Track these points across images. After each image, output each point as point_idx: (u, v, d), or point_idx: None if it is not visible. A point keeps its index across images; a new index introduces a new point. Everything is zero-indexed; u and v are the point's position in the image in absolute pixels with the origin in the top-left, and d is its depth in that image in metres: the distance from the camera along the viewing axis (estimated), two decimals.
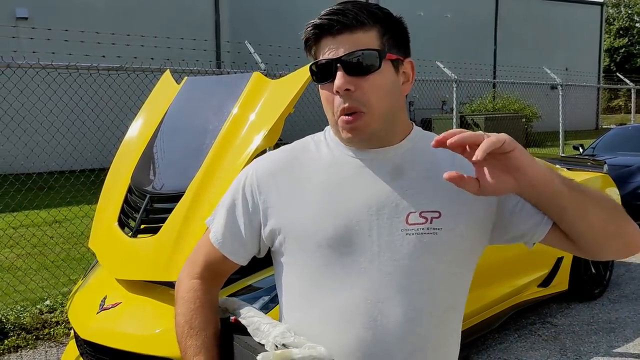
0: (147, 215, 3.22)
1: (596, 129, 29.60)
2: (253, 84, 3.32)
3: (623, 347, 4.19)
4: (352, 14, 1.18)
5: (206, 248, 1.37)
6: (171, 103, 3.64)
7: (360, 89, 1.18)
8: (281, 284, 1.32)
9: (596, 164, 6.58)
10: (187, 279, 1.37)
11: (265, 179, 1.31)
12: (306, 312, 1.25)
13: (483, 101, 19.94)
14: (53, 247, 6.42)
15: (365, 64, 1.18)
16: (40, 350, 4.24)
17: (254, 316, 1.30)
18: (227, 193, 1.37)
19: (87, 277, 3.71)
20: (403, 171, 1.25)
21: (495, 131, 1.14)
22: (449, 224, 1.22)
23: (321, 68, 1.21)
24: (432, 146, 1.05)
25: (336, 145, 1.30)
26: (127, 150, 3.65)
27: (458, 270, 1.27)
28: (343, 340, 1.20)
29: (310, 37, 1.23)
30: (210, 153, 3.13)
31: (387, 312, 1.19)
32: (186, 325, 1.31)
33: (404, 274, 1.20)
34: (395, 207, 1.22)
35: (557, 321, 4.71)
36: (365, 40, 1.19)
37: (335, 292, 1.21)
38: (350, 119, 1.19)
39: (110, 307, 3.13)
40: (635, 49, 50.30)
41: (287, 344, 1.19)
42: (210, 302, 1.35)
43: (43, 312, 4.66)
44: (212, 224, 1.38)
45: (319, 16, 1.21)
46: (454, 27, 25.56)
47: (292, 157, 1.33)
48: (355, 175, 1.25)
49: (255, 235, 1.33)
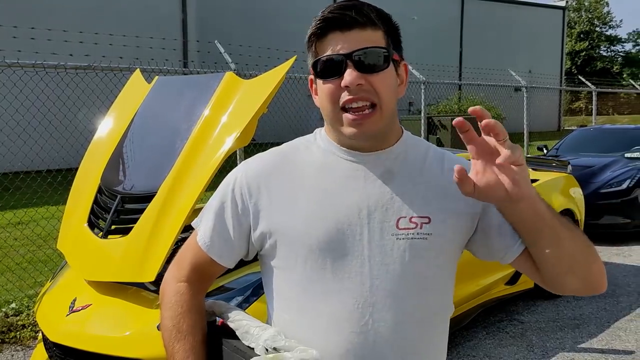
0: (117, 215, 3.19)
1: (558, 130, 30.23)
2: (225, 84, 3.30)
3: (587, 343, 4.30)
4: (365, 12, 1.18)
5: (193, 251, 1.35)
6: (142, 103, 3.61)
7: (371, 84, 1.17)
8: (270, 287, 1.31)
9: (560, 164, 6.73)
10: (173, 282, 1.35)
11: (256, 182, 1.28)
12: (296, 315, 1.24)
13: (449, 102, 20.17)
14: (18, 248, 6.28)
15: (376, 61, 1.18)
16: (6, 354, 4.14)
17: (243, 319, 1.28)
18: (215, 195, 1.34)
19: (56, 278, 3.65)
20: (394, 176, 1.25)
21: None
22: (438, 230, 1.23)
23: (328, 63, 1.19)
24: (469, 112, 1.05)
25: (329, 146, 1.29)
26: (96, 150, 3.60)
27: (445, 274, 1.29)
28: (334, 343, 1.20)
29: (316, 32, 1.19)
30: (182, 153, 3.11)
31: (377, 316, 1.20)
32: (174, 329, 1.28)
33: (395, 278, 1.21)
34: (385, 211, 1.22)
35: (523, 318, 4.81)
36: (374, 38, 1.19)
37: (326, 296, 1.21)
38: (359, 115, 1.17)
39: (80, 309, 3.08)
40: (595, 53, 51.59)
41: (278, 348, 1.18)
42: (198, 305, 1.33)
43: (8, 315, 4.56)
44: (199, 227, 1.35)
45: (327, 10, 1.19)
46: (420, 29, 25.81)
47: (283, 159, 1.31)
48: (347, 178, 1.25)
49: (245, 238, 1.30)
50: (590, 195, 7.12)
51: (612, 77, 44.00)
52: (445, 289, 1.30)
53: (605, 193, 7.46)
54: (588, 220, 6.27)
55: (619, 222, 7.41)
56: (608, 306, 5.07)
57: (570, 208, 5.52)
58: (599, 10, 52.07)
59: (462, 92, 21.24)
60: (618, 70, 50.89)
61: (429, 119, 12.68)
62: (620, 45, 54.63)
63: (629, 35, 56.20)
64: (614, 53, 54.50)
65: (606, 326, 4.62)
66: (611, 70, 50.35)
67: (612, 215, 7.39)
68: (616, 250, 7.05)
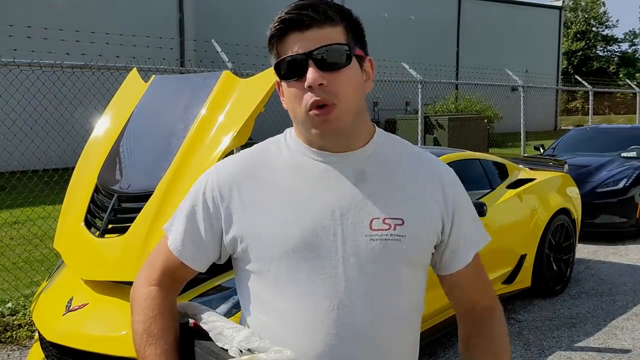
0: (114, 215, 3.18)
1: (555, 129, 30.28)
2: (222, 83, 3.30)
3: (584, 342, 4.31)
4: (321, 9, 1.17)
5: (164, 254, 1.33)
6: (139, 102, 3.60)
7: (332, 83, 1.16)
8: (245, 290, 1.30)
9: (557, 163, 6.76)
10: (144, 286, 1.33)
11: (227, 185, 1.27)
12: (271, 317, 1.24)
13: (446, 102, 20.19)
14: (14, 248, 6.26)
15: (337, 59, 1.17)
16: (3, 353, 4.13)
17: (217, 320, 1.27)
18: (186, 198, 1.33)
19: (52, 278, 3.64)
20: (366, 176, 1.25)
21: (458, 131, 1.19)
22: (411, 231, 1.23)
23: (290, 64, 1.18)
24: None
25: (299, 147, 1.28)
26: (93, 149, 3.59)
27: (418, 275, 1.30)
28: (310, 344, 1.20)
29: (276, 34, 1.19)
30: (179, 152, 3.11)
31: (352, 317, 1.20)
32: (145, 334, 1.26)
33: (369, 279, 1.21)
34: (358, 212, 1.22)
35: (520, 317, 4.82)
36: (334, 35, 1.18)
37: (301, 297, 1.21)
38: (321, 112, 1.17)
39: (77, 308, 3.08)
40: (591, 52, 51.66)
41: (253, 349, 1.17)
42: (169, 308, 1.31)
43: (5, 314, 4.55)
44: (170, 231, 1.34)
45: (284, 11, 1.18)
46: (417, 28, 25.83)
47: (253, 161, 1.30)
48: (319, 179, 1.24)
49: (217, 242, 1.29)
50: (587, 194, 7.14)
51: (608, 77, 44.10)
52: (418, 290, 1.31)
53: (602, 192, 7.48)
54: (585, 220, 6.29)
55: (616, 221, 7.43)
56: (604, 305, 5.08)
57: (567, 207, 5.53)
58: (595, 10, 52.14)
59: (459, 92, 21.26)
60: (614, 70, 50.97)
61: (426, 118, 12.69)
62: (617, 45, 54.73)
63: (625, 35, 56.36)
64: (610, 53, 54.60)
65: (603, 325, 4.63)
66: (607, 70, 50.44)
67: (609, 214, 7.41)
68: (612, 249, 7.07)
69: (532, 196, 5.18)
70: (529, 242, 5.02)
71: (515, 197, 4.98)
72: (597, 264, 6.40)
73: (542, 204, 5.22)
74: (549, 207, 5.29)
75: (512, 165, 5.54)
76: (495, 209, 4.62)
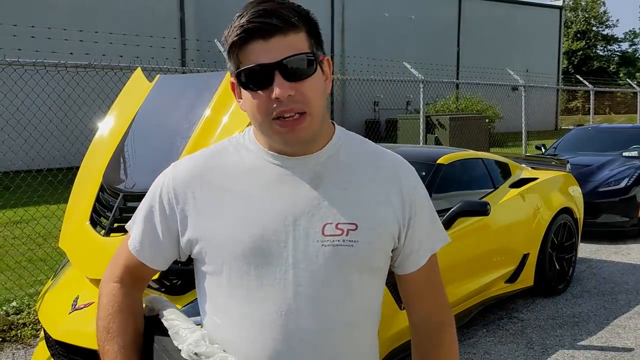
0: (120, 213, 3.19)
1: (555, 129, 30.30)
2: (227, 82, 3.32)
3: (587, 341, 4.33)
4: (284, 16, 1.13)
5: (126, 253, 1.33)
6: (143, 101, 3.61)
7: (300, 92, 1.14)
8: (202, 291, 1.30)
9: (560, 163, 6.77)
10: (107, 282, 1.33)
11: (182, 187, 1.26)
12: (223, 320, 1.24)
13: (446, 102, 20.21)
14: (18, 247, 6.28)
15: (303, 68, 1.15)
16: (7, 352, 4.14)
17: (175, 319, 1.28)
18: (145, 199, 1.32)
19: (57, 277, 3.65)
20: (322, 180, 1.23)
21: (460, 131, 1.20)
22: (365, 237, 1.22)
23: (254, 74, 1.14)
24: None
25: (257, 150, 1.26)
26: (98, 148, 3.60)
27: (373, 280, 1.29)
28: (257, 350, 1.19)
29: (237, 42, 1.13)
30: (187, 147, 3.12)
31: (301, 323, 1.19)
32: (104, 330, 1.27)
33: (319, 285, 1.20)
34: (311, 217, 1.20)
35: (523, 316, 4.83)
36: (297, 43, 1.15)
37: (250, 302, 1.20)
38: (289, 123, 1.15)
39: (83, 307, 3.09)
40: (592, 52, 51.66)
41: (199, 353, 1.18)
42: (130, 306, 1.31)
43: (9, 313, 4.56)
44: (131, 230, 1.34)
45: (245, 17, 1.13)
46: (418, 28, 25.84)
47: (210, 162, 1.28)
48: (275, 183, 1.22)
49: (174, 243, 1.29)
50: (589, 193, 7.15)
51: (608, 77, 44.12)
52: (372, 294, 1.30)
53: (604, 192, 7.48)
54: (586, 219, 6.30)
55: (617, 221, 7.44)
56: (607, 304, 5.09)
57: (570, 206, 5.54)
58: (595, 10, 52.15)
59: (460, 92, 21.28)
60: (614, 69, 50.99)
61: (427, 118, 12.69)
62: (617, 44, 54.76)
63: (625, 35, 56.34)
64: (610, 52, 54.62)
65: (605, 324, 4.64)
66: (608, 69, 50.45)
67: (610, 213, 7.42)
68: (614, 248, 7.08)
69: (535, 195, 5.19)
70: (531, 241, 5.03)
71: (518, 197, 4.99)
72: (599, 263, 6.41)
73: (544, 203, 5.23)
74: (552, 206, 5.31)
75: (515, 164, 5.55)
76: (498, 208, 4.63)
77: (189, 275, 2.90)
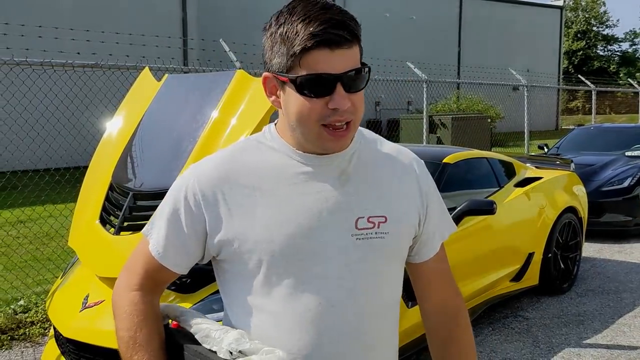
0: (130, 212, 3.21)
1: (556, 129, 30.32)
2: (236, 82, 3.33)
3: (592, 339, 4.34)
4: (353, 30, 1.15)
5: (145, 258, 1.30)
6: (152, 101, 3.63)
7: (353, 103, 1.18)
8: (229, 292, 1.31)
9: (564, 162, 6.79)
10: (125, 291, 1.30)
11: (210, 189, 1.25)
12: (260, 318, 1.25)
13: (447, 102, 20.24)
14: (18, 248, 6.29)
15: (362, 82, 1.19)
16: (16, 350, 4.16)
17: (202, 323, 1.27)
18: (166, 202, 1.30)
19: (67, 275, 3.67)
20: (349, 177, 1.27)
21: (462, 131, 1.22)
22: (394, 228, 1.28)
23: (317, 82, 1.14)
24: None
25: (283, 148, 1.27)
26: (107, 147, 3.62)
27: (399, 269, 1.35)
28: (299, 344, 1.22)
29: (305, 47, 1.13)
30: (194, 150, 3.13)
31: (340, 315, 1.23)
32: (130, 341, 1.25)
33: (355, 277, 1.24)
34: (343, 212, 1.24)
35: (528, 314, 4.85)
36: (356, 55, 1.17)
37: (290, 298, 1.22)
38: (339, 131, 1.18)
39: (93, 305, 3.11)
40: (592, 52, 51.69)
41: (244, 350, 1.17)
42: (153, 313, 1.30)
43: (17, 312, 4.58)
44: (150, 235, 1.30)
45: (315, 25, 1.12)
46: (419, 28, 25.86)
47: (233, 162, 1.27)
48: (303, 181, 1.24)
49: (200, 245, 1.28)
50: (592, 193, 7.15)
51: (608, 77, 44.12)
52: (398, 283, 1.36)
53: (607, 191, 7.51)
54: (589, 218, 6.32)
55: (620, 220, 7.46)
56: (611, 303, 5.11)
57: (574, 205, 5.56)
58: (595, 10, 52.18)
59: (460, 92, 21.30)
60: (615, 69, 51.01)
61: (429, 117, 12.72)
62: (617, 44, 54.80)
63: (626, 35, 56.36)
64: (610, 52, 54.65)
65: (610, 322, 4.66)
66: (608, 69, 50.47)
67: (614, 213, 7.44)
68: (618, 247, 7.10)
69: (540, 194, 5.21)
70: (536, 240, 5.05)
71: (523, 196, 5.01)
72: (603, 263, 6.43)
73: (549, 203, 5.25)
74: (556, 205, 5.32)
75: (519, 163, 5.57)
76: (503, 207, 4.64)
77: (198, 274, 2.90)
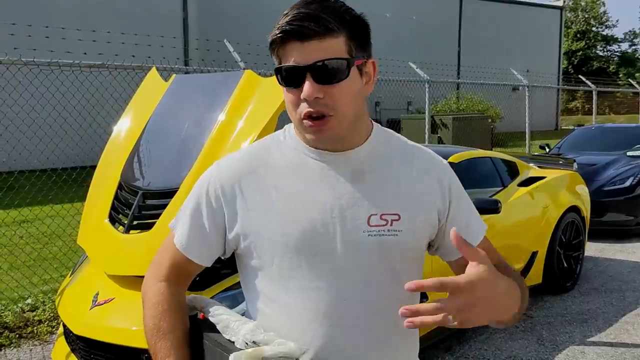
0: (139, 211, 3.23)
1: (556, 129, 30.36)
2: (244, 82, 3.36)
3: (596, 337, 4.37)
4: (323, 21, 1.16)
5: (171, 251, 1.38)
6: (160, 101, 3.65)
7: (329, 95, 1.19)
8: (248, 284, 1.36)
9: (566, 162, 6.82)
10: (153, 282, 1.38)
11: (229, 184, 1.30)
12: (275, 310, 1.29)
13: (448, 102, 20.26)
14: (25, 246, 6.31)
15: (335, 73, 1.18)
16: (25, 348, 4.19)
17: (223, 314, 1.33)
18: (190, 197, 1.36)
19: (76, 273, 3.69)
20: (364, 174, 1.29)
21: (463, 131, 1.22)
22: (407, 226, 1.28)
23: (288, 73, 1.20)
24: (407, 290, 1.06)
25: (298, 146, 1.31)
26: (115, 146, 3.64)
27: (415, 267, 1.36)
28: (312, 336, 1.25)
29: (277, 40, 1.19)
30: (204, 149, 3.16)
31: (352, 310, 1.26)
32: (155, 328, 1.31)
33: (367, 273, 1.27)
34: (357, 209, 1.26)
35: (532, 313, 4.88)
36: (334, 47, 1.18)
37: (303, 292, 1.26)
38: (316, 123, 1.20)
39: (104, 302, 3.13)
40: (592, 52, 51.74)
41: (257, 341, 1.23)
42: (178, 303, 1.36)
43: (25, 310, 4.60)
44: (176, 228, 1.38)
45: (287, 18, 1.18)
46: (419, 28, 25.89)
47: (254, 160, 1.33)
48: (318, 178, 1.28)
49: (221, 238, 1.33)
50: (594, 192, 7.16)
51: (608, 77, 44.15)
52: (414, 279, 1.34)
53: (609, 191, 7.53)
54: (591, 218, 6.35)
55: (622, 220, 7.48)
56: (615, 301, 5.14)
57: (577, 205, 5.58)
58: (595, 10, 52.23)
59: (460, 92, 21.32)
60: (614, 70, 51.06)
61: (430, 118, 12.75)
62: (617, 45, 54.83)
63: (625, 35, 56.46)
64: (610, 53, 54.69)
65: (614, 321, 4.69)
66: (607, 70, 50.51)
67: (616, 212, 7.47)
68: (620, 247, 7.13)
69: (543, 194, 5.24)
70: (540, 239, 5.08)
71: (527, 195, 5.04)
72: (605, 262, 6.46)
73: (552, 202, 5.28)
74: (560, 204, 5.35)
75: (522, 163, 5.60)
76: (507, 206, 4.67)
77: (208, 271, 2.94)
